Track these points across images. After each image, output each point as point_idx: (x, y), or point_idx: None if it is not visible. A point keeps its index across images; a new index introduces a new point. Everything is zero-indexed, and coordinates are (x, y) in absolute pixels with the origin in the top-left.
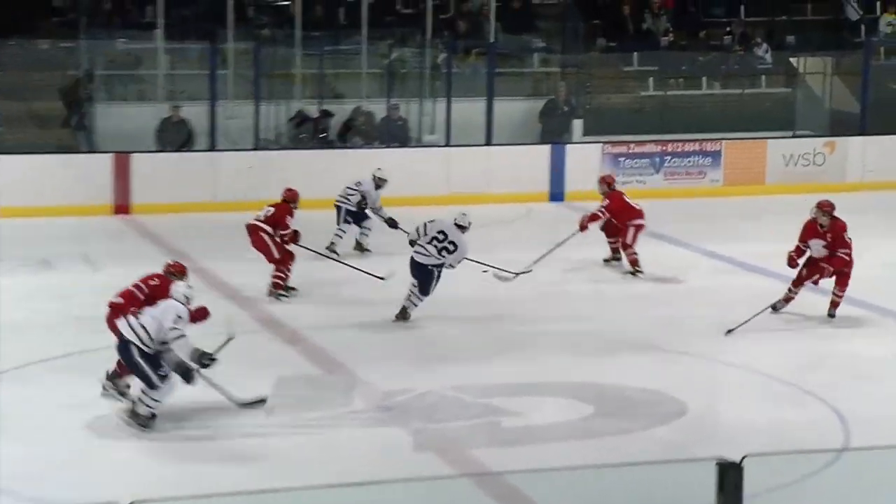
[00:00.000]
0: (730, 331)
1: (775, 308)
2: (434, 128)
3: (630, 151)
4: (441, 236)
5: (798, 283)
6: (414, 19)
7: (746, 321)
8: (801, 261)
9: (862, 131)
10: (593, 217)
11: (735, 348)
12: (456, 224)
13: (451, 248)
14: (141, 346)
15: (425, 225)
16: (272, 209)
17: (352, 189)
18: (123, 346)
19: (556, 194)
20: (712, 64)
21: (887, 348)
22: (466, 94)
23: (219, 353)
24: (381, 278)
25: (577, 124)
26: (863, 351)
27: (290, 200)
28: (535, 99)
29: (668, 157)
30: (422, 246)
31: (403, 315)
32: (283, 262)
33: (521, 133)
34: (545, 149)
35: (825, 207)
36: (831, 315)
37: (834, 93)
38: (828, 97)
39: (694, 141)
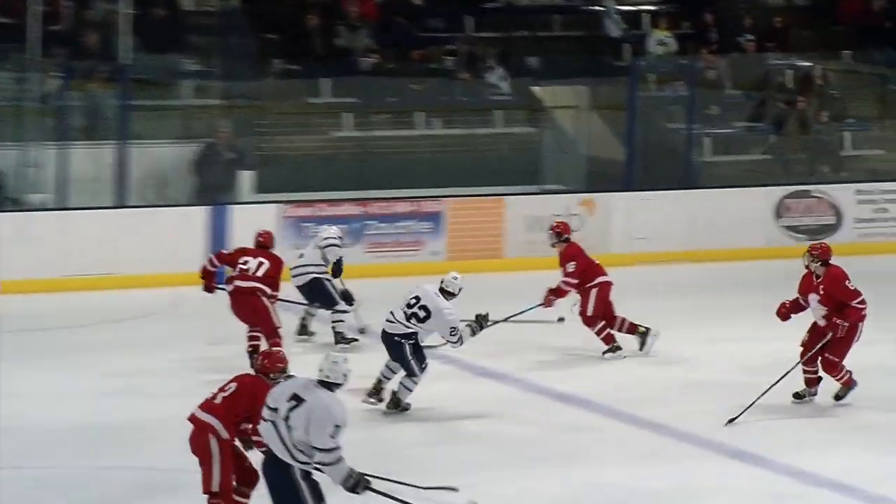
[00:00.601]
0: (731, 420)
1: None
2: (42, 184)
3: (319, 214)
4: (413, 300)
5: (810, 357)
6: (13, 32)
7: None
8: (797, 316)
9: (628, 185)
10: (559, 291)
11: (472, 480)
12: (441, 289)
13: (421, 314)
14: (304, 466)
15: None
16: (265, 262)
17: (309, 264)
18: (277, 468)
19: (216, 275)
20: (430, 95)
21: (670, 479)
22: (89, 137)
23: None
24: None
25: (247, 177)
26: (640, 483)
27: (270, 245)
28: (186, 142)
29: (373, 222)
30: (391, 313)
31: (396, 403)
32: (278, 334)
33: (166, 190)
34: (200, 211)
35: (815, 251)
36: (839, 397)
37: (592, 133)
38: (584, 139)
39: (407, 199)
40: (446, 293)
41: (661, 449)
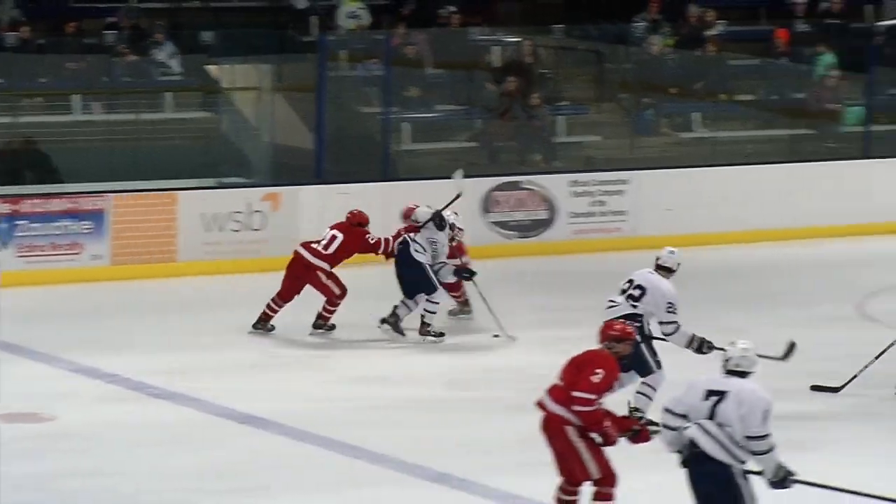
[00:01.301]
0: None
1: None
2: None
3: None
4: (626, 284)
5: None
6: None
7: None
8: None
9: (320, 176)
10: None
11: None
12: (657, 266)
13: (636, 293)
14: (742, 465)
15: None
16: (338, 235)
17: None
18: (711, 470)
19: None
20: (88, 75)
21: None
22: None
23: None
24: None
25: None
26: None
27: (362, 223)
28: None
29: (23, 222)
30: (610, 301)
31: (641, 416)
32: (342, 296)
33: None
34: None
35: None
36: None
37: (276, 119)
38: (268, 125)
39: (63, 196)
40: (663, 269)
41: (356, 474)
